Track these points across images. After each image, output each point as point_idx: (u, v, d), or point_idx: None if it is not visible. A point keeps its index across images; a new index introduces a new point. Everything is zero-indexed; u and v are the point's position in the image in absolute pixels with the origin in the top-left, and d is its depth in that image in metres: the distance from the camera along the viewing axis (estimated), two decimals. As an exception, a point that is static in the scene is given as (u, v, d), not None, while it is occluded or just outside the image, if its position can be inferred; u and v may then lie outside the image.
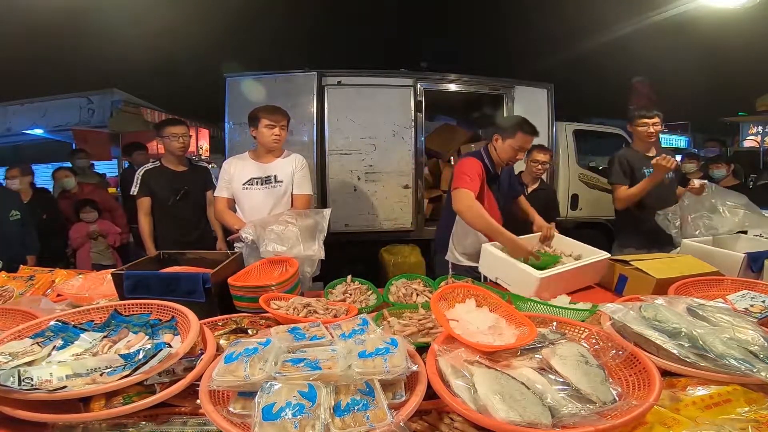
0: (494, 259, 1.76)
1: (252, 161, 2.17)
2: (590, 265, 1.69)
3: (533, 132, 2.01)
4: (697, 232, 2.06)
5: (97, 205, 3.52)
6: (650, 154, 2.38)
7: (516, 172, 2.51)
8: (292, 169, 2.18)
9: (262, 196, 2.14)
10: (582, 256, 1.80)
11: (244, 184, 2.14)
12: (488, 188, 2.07)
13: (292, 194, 2.19)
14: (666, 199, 2.34)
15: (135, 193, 2.50)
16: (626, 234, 2.57)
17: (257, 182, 2.14)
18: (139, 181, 2.49)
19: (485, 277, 1.85)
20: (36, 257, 2.85)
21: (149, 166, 2.56)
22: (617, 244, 2.60)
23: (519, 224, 2.20)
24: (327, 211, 1.96)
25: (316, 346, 0.91)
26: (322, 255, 1.86)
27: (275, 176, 2.15)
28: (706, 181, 2.15)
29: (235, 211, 2.21)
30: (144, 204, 2.50)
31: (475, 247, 2.03)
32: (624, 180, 2.41)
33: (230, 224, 2.15)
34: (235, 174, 2.16)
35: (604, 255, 1.72)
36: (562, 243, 1.98)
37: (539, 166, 2.95)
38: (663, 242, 2.21)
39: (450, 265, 2.15)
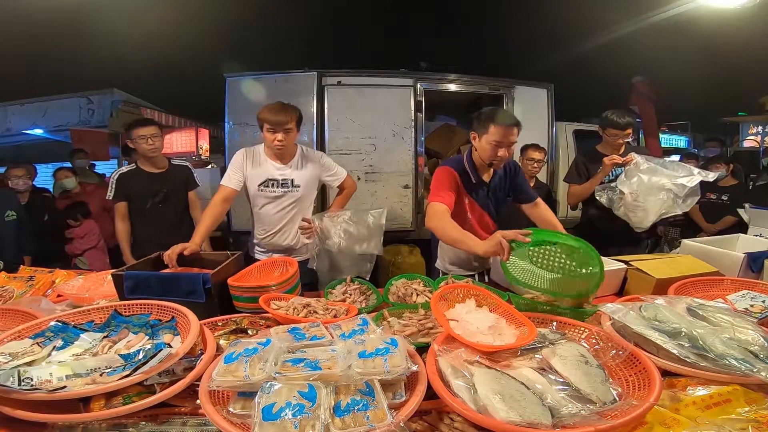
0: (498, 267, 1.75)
1: (269, 161, 2.04)
2: (605, 274, 1.63)
3: (510, 122, 1.68)
4: (629, 212, 2.07)
5: (87, 209, 3.58)
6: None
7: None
8: (315, 174, 2.11)
9: (280, 199, 2.05)
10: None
11: (259, 186, 2.03)
12: (470, 197, 1.85)
13: (338, 186, 2.21)
14: None
15: (110, 198, 2.42)
16: (585, 235, 2.58)
17: (273, 184, 2.04)
18: (114, 186, 2.40)
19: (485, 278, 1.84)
20: (32, 258, 2.84)
21: (124, 169, 2.47)
22: None
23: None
24: (383, 211, 2.02)
25: (316, 347, 0.91)
26: (380, 251, 1.99)
27: (292, 180, 2.05)
28: (632, 153, 2.12)
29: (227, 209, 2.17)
30: (120, 208, 2.42)
31: (462, 255, 1.95)
32: (577, 180, 2.48)
33: (206, 226, 1.87)
34: (250, 172, 2.03)
35: (619, 266, 1.65)
36: None
37: (534, 164, 2.96)
38: (618, 243, 2.19)
39: (440, 274, 2.06)
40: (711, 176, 1.98)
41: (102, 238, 3.65)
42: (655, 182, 1.96)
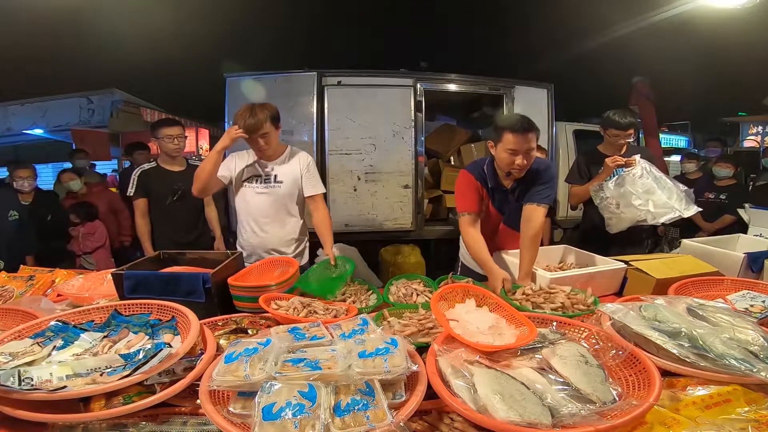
0: (506, 266, 1.79)
1: (255, 159, 2.08)
2: (604, 273, 1.64)
3: (522, 128, 1.61)
4: (607, 214, 2.09)
5: (94, 209, 3.60)
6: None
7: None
8: (298, 171, 2.09)
9: (262, 194, 2.08)
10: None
11: (244, 181, 2.08)
12: (488, 198, 1.85)
13: (304, 197, 2.11)
14: None
15: (131, 194, 2.50)
16: (587, 236, 2.57)
17: (257, 180, 2.08)
18: (135, 182, 2.48)
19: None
20: (34, 257, 2.85)
21: (146, 166, 2.55)
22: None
23: None
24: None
25: (316, 346, 0.91)
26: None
27: (275, 176, 2.07)
28: (636, 157, 2.10)
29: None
30: (141, 205, 2.50)
31: None
32: (578, 181, 2.47)
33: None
34: (236, 169, 2.07)
35: (619, 266, 1.65)
36: (572, 253, 1.93)
37: None
38: (619, 243, 2.19)
39: (459, 263, 2.11)
40: (690, 212, 1.96)
41: (108, 238, 3.65)
42: (636, 204, 1.99)
